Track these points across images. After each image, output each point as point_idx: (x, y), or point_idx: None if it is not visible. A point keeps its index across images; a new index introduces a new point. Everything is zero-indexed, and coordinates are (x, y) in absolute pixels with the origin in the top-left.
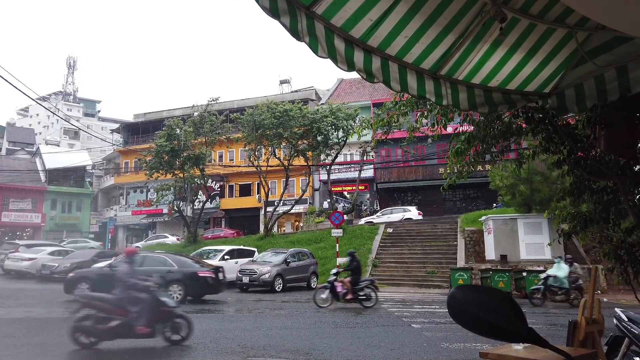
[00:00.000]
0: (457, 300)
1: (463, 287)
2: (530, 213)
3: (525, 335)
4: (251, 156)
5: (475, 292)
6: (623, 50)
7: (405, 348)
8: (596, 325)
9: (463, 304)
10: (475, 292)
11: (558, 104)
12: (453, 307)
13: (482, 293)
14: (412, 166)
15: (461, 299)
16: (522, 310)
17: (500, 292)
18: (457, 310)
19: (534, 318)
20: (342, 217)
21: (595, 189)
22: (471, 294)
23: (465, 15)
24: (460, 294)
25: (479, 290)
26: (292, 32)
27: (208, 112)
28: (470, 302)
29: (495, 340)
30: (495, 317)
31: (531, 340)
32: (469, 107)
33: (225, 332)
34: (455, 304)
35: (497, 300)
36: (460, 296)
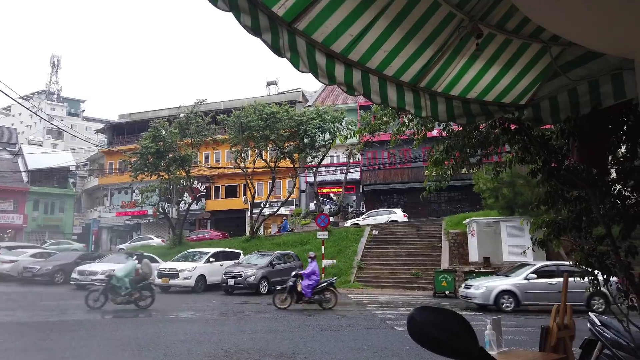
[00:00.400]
0: (416, 321)
1: (422, 308)
2: (513, 216)
3: (476, 354)
4: (237, 158)
5: (433, 313)
6: (594, 65)
7: (388, 351)
8: (567, 330)
9: (421, 324)
10: (432, 313)
11: (534, 115)
12: (412, 327)
13: (439, 314)
14: (398, 168)
15: (420, 320)
16: (474, 331)
17: (455, 313)
18: (416, 331)
19: None
20: (328, 220)
21: (568, 198)
22: (429, 315)
23: (444, 30)
24: (419, 315)
25: (436, 311)
26: (273, 49)
27: (194, 113)
28: (428, 323)
29: None
30: (450, 337)
31: (481, 359)
32: (447, 118)
33: (210, 336)
34: (414, 324)
35: (453, 321)
36: (418, 317)
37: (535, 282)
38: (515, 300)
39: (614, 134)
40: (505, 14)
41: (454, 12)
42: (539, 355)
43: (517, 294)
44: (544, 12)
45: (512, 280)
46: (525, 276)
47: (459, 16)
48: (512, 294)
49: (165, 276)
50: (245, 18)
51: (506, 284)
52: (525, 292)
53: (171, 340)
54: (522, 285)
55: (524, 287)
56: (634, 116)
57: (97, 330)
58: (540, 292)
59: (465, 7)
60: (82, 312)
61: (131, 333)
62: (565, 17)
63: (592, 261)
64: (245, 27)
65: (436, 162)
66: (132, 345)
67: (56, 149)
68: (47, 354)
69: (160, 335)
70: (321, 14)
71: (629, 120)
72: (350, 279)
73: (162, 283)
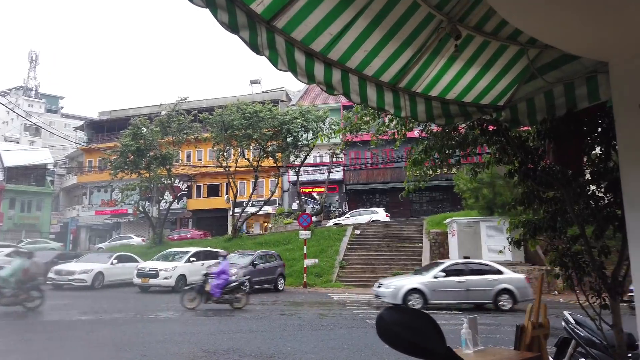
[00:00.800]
0: (385, 321)
1: (390, 308)
2: (493, 216)
3: (443, 353)
4: (220, 157)
5: (401, 313)
6: (570, 68)
7: (368, 350)
8: (542, 329)
9: (390, 324)
10: (401, 313)
11: (511, 116)
12: (380, 327)
13: (407, 314)
14: (381, 168)
15: (388, 320)
16: (442, 330)
17: (424, 313)
18: (384, 331)
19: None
20: (311, 219)
21: (544, 198)
22: (397, 315)
23: (423, 31)
24: (387, 315)
25: (404, 311)
26: (251, 47)
27: (176, 112)
28: (396, 323)
29: None
30: (417, 337)
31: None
32: (426, 118)
33: (189, 336)
34: (383, 324)
35: (421, 321)
36: (387, 317)
37: (444, 280)
38: (423, 299)
39: (588, 136)
40: (484, 15)
41: (433, 13)
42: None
43: (425, 292)
44: (521, 15)
45: (421, 279)
46: (434, 275)
47: (438, 17)
48: (420, 293)
49: (144, 276)
50: (222, 15)
51: (414, 282)
52: (433, 291)
53: (149, 340)
54: (430, 284)
55: (433, 285)
56: (607, 118)
57: (73, 331)
58: (448, 290)
59: (444, 8)
60: (59, 312)
61: (108, 333)
62: (541, 20)
63: (566, 261)
64: (222, 24)
65: (415, 162)
66: (109, 346)
67: (34, 146)
68: (20, 355)
69: (139, 336)
70: (300, 12)
71: (603, 123)
72: (332, 279)
73: (142, 283)
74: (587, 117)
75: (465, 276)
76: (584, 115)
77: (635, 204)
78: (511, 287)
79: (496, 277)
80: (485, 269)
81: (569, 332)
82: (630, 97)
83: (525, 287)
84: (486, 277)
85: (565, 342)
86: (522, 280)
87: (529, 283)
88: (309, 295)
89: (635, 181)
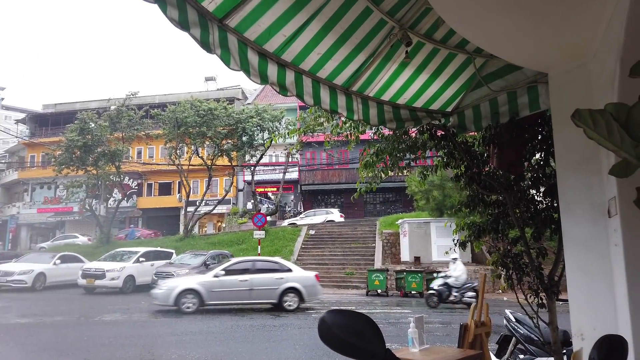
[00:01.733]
0: (326, 324)
1: (332, 311)
2: (442, 217)
3: (382, 356)
4: (172, 154)
5: (342, 316)
6: (513, 77)
7: (320, 350)
8: (484, 327)
9: (331, 327)
10: (342, 316)
11: (458, 122)
12: (322, 330)
13: (347, 317)
14: (336, 169)
15: (330, 323)
16: (382, 333)
17: (364, 316)
18: (326, 334)
19: None
20: (265, 219)
21: (488, 202)
22: (338, 318)
23: (375, 36)
24: (329, 318)
25: (345, 314)
26: (202, 45)
27: (126, 107)
28: (337, 326)
29: None
30: (358, 340)
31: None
32: (378, 122)
33: (136, 339)
34: (324, 327)
35: (361, 324)
36: (329, 320)
37: (225, 279)
38: (199, 300)
39: (529, 143)
40: (434, 24)
41: (385, 20)
42: (458, 351)
43: (202, 292)
44: (467, 25)
45: (199, 278)
46: (215, 273)
47: (390, 23)
48: (196, 293)
49: (90, 277)
50: (172, 11)
51: (190, 282)
52: (211, 291)
53: (93, 344)
54: (208, 284)
55: (211, 285)
56: (547, 126)
57: (10, 335)
58: (229, 290)
59: (396, 14)
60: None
61: (49, 337)
62: (486, 31)
63: (507, 261)
64: (172, 21)
65: (367, 165)
66: (50, 350)
67: None
68: None
69: (82, 340)
70: (253, 12)
71: (542, 130)
72: None
73: (87, 284)
74: (528, 124)
75: (250, 275)
76: (526, 123)
77: (570, 208)
78: (298, 285)
79: (283, 276)
80: (274, 267)
81: (510, 330)
82: (567, 107)
83: (314, 286)
84: (272, 275)
85: (506, 339)
86: (311, 278)
87: (318, 281)
88: None
89: (570, 187)
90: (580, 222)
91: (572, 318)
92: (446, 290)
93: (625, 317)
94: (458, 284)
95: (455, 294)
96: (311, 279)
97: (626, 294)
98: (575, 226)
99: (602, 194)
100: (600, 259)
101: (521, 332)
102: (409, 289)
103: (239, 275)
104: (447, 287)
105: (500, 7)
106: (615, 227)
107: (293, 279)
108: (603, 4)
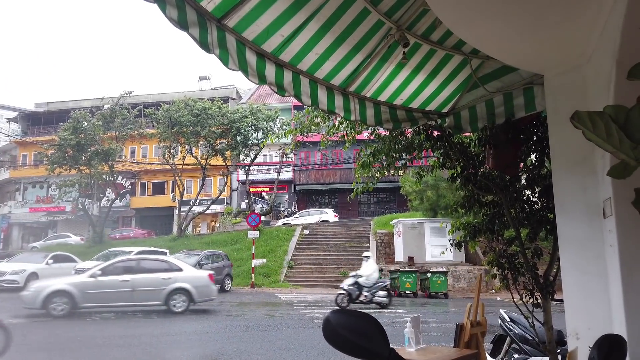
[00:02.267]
0: (331, 324)
1: (337, 311)
2: (436, 217)
3: (386, 355)
4: (166, 153)
5: (347, 316)
6: (509, 79)
7: (315, 350)
8: (480, 327)
9: (336, 327)
10: (346, 316)
11: (454, 123)
12: (327, 330)
13: (352, 317)
14: (330, 169)
15: (334, 323)
16: (386, 332)
17: (369, 315)
18: (330, 334)
19: None
20: (259, 219)
21: (483, 202)
22: (343, 318)
23: (373, 37)
24: (334, 318)
25: (350, 314)
26: (201, 45)
27: (120, 106)
28: (342, 326)
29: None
30: (362, 339)
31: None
32: (375, 122)
33: (130, 339)
34: (329, 327)
35: (366, 324)
36: (333, 320)
37: (103, 279)
38: (72, 302)
39: (524, 144)
40: (431, 25)
41: (382, 20)
42: (453, 351)
43: (74, 294)
44: (465, 26)
45: (72, 279)
46: (91, 273)
47: (388, 24)
48: (69, 295)
49: None
50: (172, 11)
51: (60, 283)
52: (86, 292)
53: (87, 344)
54: (82, 284)
55: (85, 286)
56: (542, 128)
57: None
58: (107, 291)
59: (393, 15)
60: None
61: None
62: (483, 32)
63: (503, 262)
64: (172, 20)
65: (364, 165)
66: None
67: None
68: None
69: (75, 339)
70: (252, 13)
71: (538, 132)
72: (280, 279)
73: None
74: (524, 125)
75: (132, 275)
76: (521, 124)
77: (565, 208)
78: (188, 286)
79: (170, 275)
80: (161, 266)
81: (504, 330)
82: (563, 108)
83: (207, 286)
84: (158, 275)
85: (500, 338)
86: (204, 278)
87: (213, 281)
88: (257, 295)
89: (565, 187)
90: (575, 222)
91: (567, 318)
92: (356, 290)
93: (620, 317)
94: (369, 284)
95: (365, 294)
96: (204, 279)
97: (621, 294)
98: (571, 227)
99: (597, 194)
100: (595, 259)
101: (516, 331)
102: (403, 288)
103: (120, 275)
104: (358, 286)
105: (497, 9)
106: (610, 227)
107: (182, 279)
108: (599, 8)
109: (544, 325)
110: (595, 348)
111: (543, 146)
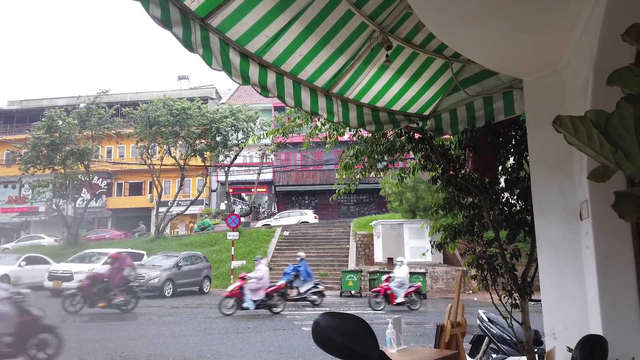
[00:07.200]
0: (320, 326)
1: (326, 314)
2: (415, 219)
3: (376, 357)
4: (144, 154)
5: (336, 318)
6: (489, 82)
7: (295, 351)
8: (460, 327)
9: (325, 330)
10: (336, 318)
11: (435, 126)
12: (316, 333)
13: (341, 319)
14: (310, 170)
15: (324, 326)
16: (375, 334)
17: (358, 318)
18: (320, 337)
19: None
20: (239, 220)
21: (463, 204)
22: (332, 320)
23: (356, 39)
24: (323, 320)
25: (339, 316)
26: (184, 44)
27: (96, 104)
28: (332, 329)
29: None
30: (352, 342)
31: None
32: (358, 124)
33: (106, 342)
34: (319, 330)
35: (355, 326)
36: (323, 323)
37: None
38: None
39: (503, 147)
40: (413, 28)
41: (366, 23)
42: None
43: None
44: (447, 30)
45: None
46: None
47: (371, 27)
48: None
49: (57, 279)
50: (155, 9)
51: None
52: None
53: None
54: None
55: None
56: (521, 131)
57: None
58: None
59: (376, 18)
60: None
61: None
62: (465, 37)
63: (482, 263)
64: (155, 19)
65: (346, 166)
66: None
67: None
68: None
69: None
70: (236, 13)
71: (516, 135)
72: None
73: (54, 286)
74: (503, 129)
75: None
76: (500, 127)
77: (543, 210)
78: None
79: None
80: None
81: (483, 330)
82: (541, 112)
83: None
84: None
85: (479, 338)
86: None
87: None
88: None
89: (543, 190)
90: (553, 224)
91: (544, 318)
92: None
93: (596, 317)
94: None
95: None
96: None
97: (597, 295)
98: (548, 228)
99: (574, 197)
100: (572, 260)
101: (494, 331)
102: None
103: None
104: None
105: (479, 14)
106: (586, 229)
107: None
108: (577, 13)
109: (522, 325)
110: (577, 348)
111: (521, 149)
